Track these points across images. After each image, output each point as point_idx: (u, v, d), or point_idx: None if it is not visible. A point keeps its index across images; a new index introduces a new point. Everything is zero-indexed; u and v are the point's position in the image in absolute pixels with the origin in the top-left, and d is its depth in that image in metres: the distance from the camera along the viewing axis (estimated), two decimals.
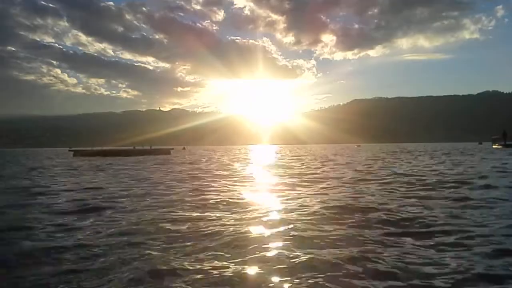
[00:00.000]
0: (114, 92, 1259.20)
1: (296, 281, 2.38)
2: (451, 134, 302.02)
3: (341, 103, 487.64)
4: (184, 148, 70.54)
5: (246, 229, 3.71)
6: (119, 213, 4.85)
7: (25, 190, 7.40)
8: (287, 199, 5.78)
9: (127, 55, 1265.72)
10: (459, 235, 3.46)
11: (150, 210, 5.01)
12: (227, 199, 5.77)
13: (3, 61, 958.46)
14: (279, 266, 2.63)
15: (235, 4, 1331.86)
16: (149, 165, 16.55)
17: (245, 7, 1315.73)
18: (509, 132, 37.71)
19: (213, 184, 8.19)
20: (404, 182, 8.09)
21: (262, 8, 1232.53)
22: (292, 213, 4.56)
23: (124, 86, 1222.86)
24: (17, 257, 2.97)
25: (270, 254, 2.93)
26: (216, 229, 3.76)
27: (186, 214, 4.67)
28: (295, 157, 25.25)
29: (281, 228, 3.73)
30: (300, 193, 6.46)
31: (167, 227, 3.91)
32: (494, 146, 39.04)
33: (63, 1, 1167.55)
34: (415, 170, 11.36)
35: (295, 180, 8.92)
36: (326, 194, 6.35)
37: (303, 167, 14.08)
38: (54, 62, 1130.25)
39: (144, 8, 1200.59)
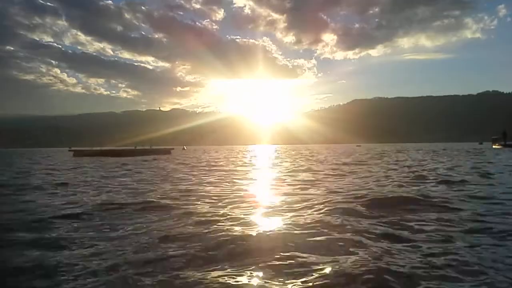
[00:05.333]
0: (114, 92, 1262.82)
1: None
2: (451, 134, 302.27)
3: (341, 103, 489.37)
4: (184, 148, 70.44)
5: None
6: None
7: None
8: None
9: (126, 55, 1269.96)
10: None
11: None
12: None
13: (2, 61, 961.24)
14: None
15: (235, 3, 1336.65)
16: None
17: (245, 6, 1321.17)
18: (509, 132, 37.70)
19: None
20: None
21: (263, 7, 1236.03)
22: None
23: (123, 86, 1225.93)
24: None
25: None
26: None
27: None
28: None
29: None
30: None
31: None
32: (494, 146, 39.00)
33: (62, 0, 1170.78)
34: None
35: None
36: None
37: None
38: (53, 62, 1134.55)
39: (143, 7, 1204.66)
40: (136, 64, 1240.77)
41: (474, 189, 6.05)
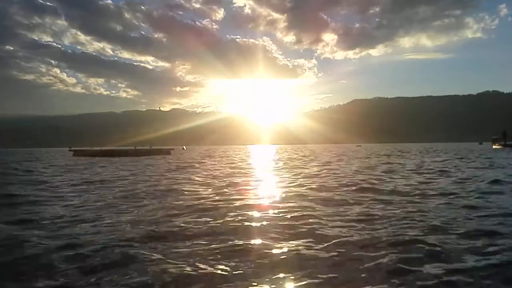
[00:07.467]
0: (114, 92, 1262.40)
1: None
2: (451, 134, 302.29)
3: (341, 103, 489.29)
4: (184, 148, 70.33)
5: None
6: None
7: None
8: None
9: (126, 55, 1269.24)
10: None
11: None
12: None
13: (2, 61, 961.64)
14: None
15: (235, 3, 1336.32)
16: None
17: (245, 5, 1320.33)
18: (509, 132, 37.67)
19: None
20: None
21: (263, 7, 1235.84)
22: None
23: (123, 85, 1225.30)
24: None
25: None
26: None
27: None
28: None
29: None
30: None
31: None
32: (494, 146, 39.00)
33: None
34: None
35: None
36: None
37: None
38: (53, 62, 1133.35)
39: (143, 7, 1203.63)
40: (136, 64, 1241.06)
41: None
